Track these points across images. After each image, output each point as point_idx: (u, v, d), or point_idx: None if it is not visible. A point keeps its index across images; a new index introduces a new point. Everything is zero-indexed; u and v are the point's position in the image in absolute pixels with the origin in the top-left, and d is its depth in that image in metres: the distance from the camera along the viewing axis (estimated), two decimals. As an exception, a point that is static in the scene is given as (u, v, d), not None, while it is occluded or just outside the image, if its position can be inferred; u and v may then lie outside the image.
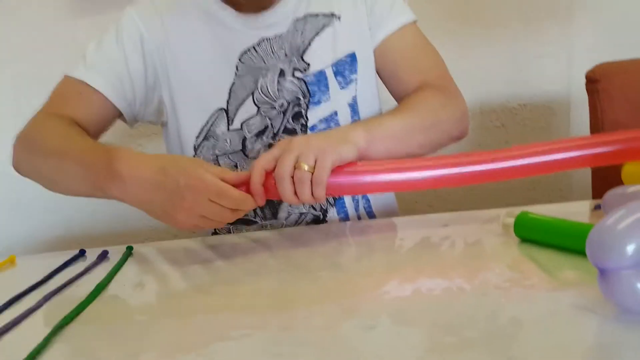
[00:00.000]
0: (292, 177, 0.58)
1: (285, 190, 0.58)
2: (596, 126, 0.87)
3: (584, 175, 1.32)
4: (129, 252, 0.67)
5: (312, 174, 0.57)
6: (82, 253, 0.69)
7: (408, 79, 0.79)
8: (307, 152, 0.58)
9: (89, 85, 0.75)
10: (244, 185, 0.59)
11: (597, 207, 0.61)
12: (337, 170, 0.59)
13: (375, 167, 0.61)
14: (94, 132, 0.76)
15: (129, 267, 0.63)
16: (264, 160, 0.59)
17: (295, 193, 0.58)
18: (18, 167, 0.73)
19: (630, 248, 0.37)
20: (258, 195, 0.59)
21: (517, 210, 0.57)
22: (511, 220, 0.56)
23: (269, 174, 0.59)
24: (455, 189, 1.24)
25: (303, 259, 0.59)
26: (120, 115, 0.78)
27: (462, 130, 0.76)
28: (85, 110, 0.75)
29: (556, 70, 1.33)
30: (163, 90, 0.78)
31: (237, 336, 0.42)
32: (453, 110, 0.75)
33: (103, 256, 0.67)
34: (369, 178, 0.60)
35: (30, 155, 0.71)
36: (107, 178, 0.61)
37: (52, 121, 0.72)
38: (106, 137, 0.80)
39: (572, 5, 1.31)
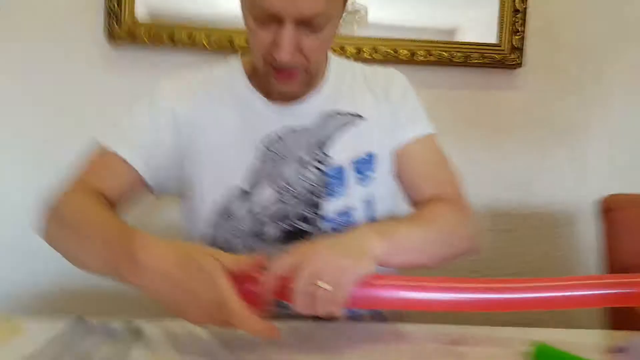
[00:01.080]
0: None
1: (301, 304, 0.58)
2: (608, 254, 0.90)
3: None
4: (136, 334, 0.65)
5: (330, 291, 0.57)
6: (82, 321, 0.66)
7: (424, 188, 0.82)
8: (327, 271, 0.57)
9: (119, 156, 0.76)
10: (257, 283, 0.58)
11: (619, 350, 0.60)
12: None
13: (395, 283, 0.60)
14: (122, 204, 0.77)
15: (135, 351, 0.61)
16: (280, 268, 0.59)
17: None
18: (47, 239, 0.72)
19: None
20: (267, 301, 0.59)
21: (532, 332, 0.57)
22: (529, 350, 0.56)
23: (284, 277, 0.59)
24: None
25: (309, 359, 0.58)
26: (147, 186, 0.79)
27: (475, 248, 0.78)
28: (113, 182, 0.76)
29: (565, 184, 1.38)
30: (187, 165, 0.79)
31: None
32: (467, 228, 0.77)
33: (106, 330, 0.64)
34: (387, 294, 0.60)
35: (58, 229, 0.71)
36: (126, 264, 0.60)
37: (79, 196, 0.73)
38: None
39: (581, 123, 1.38)
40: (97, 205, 0.71)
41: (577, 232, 1.39)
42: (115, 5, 1.19)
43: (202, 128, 0.79)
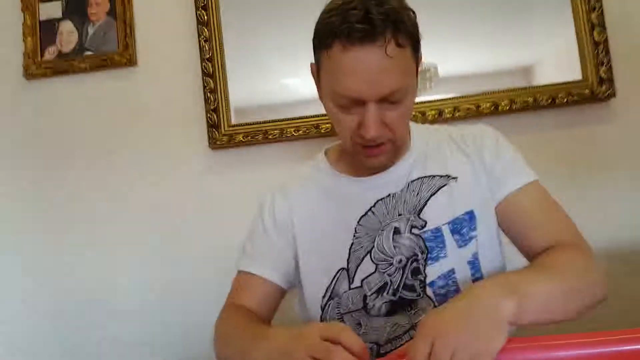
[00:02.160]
0: None
1: None
2: None
3: None
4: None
5: None
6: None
7: (538, 237, 0.78)
8: (463, 355, 0.54)
9: (252, 274, 0.86)
10: None
11: None
12: None
13: (535, 345, 0.57)
14: (266, 311, 0.86)
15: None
16: (420, 357, 0.55)
17: None
18: (215, 353, 0.81)
19: None
20: None
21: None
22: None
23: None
24: None
25: None
26: (283, 288, 0.88)
27: (606, 292, 0.71)
28: (255, 297, 0.85)
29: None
30: (298, 259, 0.87)
31: None
32: (596, 271, 0.72)
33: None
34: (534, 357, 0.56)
35: (217, 345, 0.81)
36: (250, 349, 0.68)
37: (229, 312, 0.84)
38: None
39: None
40: (240, 316, 0.81)
41: None
42: (214, 116, 1.35)
43: (300, 225, 0.87)
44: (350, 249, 0.82)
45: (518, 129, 1.30)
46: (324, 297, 0.83)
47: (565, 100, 1.27)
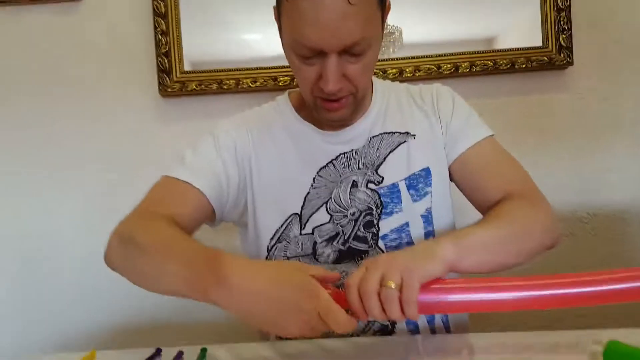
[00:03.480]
0: (379, 295, 0.57)
1: (373, 307, 0.57)
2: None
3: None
4: (203, 354, 0.68)
5: (400, 292, 0.56)
6: (158, 352, 0.70)
7: (491, 189, 0.79)
8: (393, 270, 0.57)
9: (190, 184, 0.77)
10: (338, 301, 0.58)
11: None
12: (425, 288, 0.58)
13: (466, 286, 0.59)
14: (190, 231, 0.77)
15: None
16: (355, 281, 0.59)
17: (384, 311, 0.57)
18: (110, 261, 0.72)
19: None
20: (360, 313, 0.58)
21: (602, 334, 0.54)
22: (599, 349, 0.53)
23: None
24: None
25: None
26: (212, 215, 0.81)
27: (555, 239, 0.74)
28: (184, 209, 0.76)
29: (625, 182, 1.32)
30: (248, 195, 0.83)
31: None
32: (543, 219, 0.73)
33: (179, 357, 0.68)
34: (459, 297, 0.58)
35: (127, 251, 0.69)
36: (212, 284, 0.58)
37: (152, 219, 0.72)
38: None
39: (637, 119, 1.31)
40: (172, 228, 0.70)
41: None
42: (165, 60, 1.28)
43: (259, 163, 0.83)
44: (306, 197, 0.81)
45: (476, 93, 1.30)
46: (272, 239, 0.82)
47: (524, 65, 1.28)
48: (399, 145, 0.83)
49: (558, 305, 0.57)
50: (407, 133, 0.83)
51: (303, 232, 0.81)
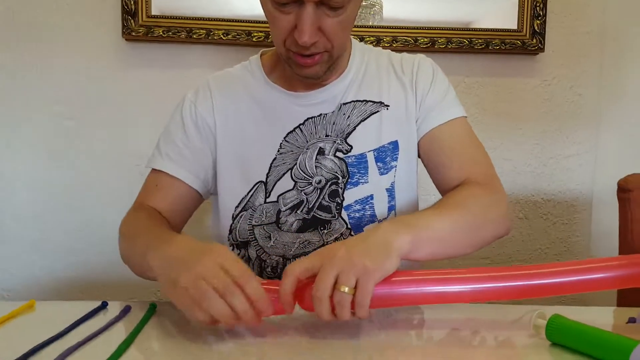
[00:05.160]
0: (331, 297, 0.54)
1: (323, 311, 0.55)
2: (625, 233, 0.87)
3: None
4: (152, 310, 0.67)
5: (354, 295, 0.54)
6: (104, 305, 0.68)
7: (454, 170, 0.78)
8: (349, 272, 0.54)
9: (166, 173, 0.80)
10: (276, 291, 0.57)
11: (631, 320, 0.60)
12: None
13: (419, 279, 0.58)
14: (178, 216, 0.82)
15: (152, 328, 0.62)
16: (299, 270, 0.56)
17: (333, 312, 0.55)
18: (120, 255, 0.77)
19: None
20: (287, 304, 0.56)
21: (546, 310, 0.56)
22: (542, 322, 0.55)
23: (305, 284, 0.57)
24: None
25: (321, 335, 0.58)
26: (199, 194, 0.83)
27: (507, 229, 0.74)
28: (165, 199, 0.80)
29: (582, 170, 1.36)
30: (217, 163, 0.82)
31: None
32: (499, 209, 0.73)
33: (126, 311, 0.66)
34: (411, 290, 0.57)
35: (121, 246, 0.76)
36: (147, 269, 0.64)
37: (134, 213, 0.78)
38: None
39: (600, 110, 1.35)
40: (146, 218, 0.75)
41: (595, 218, 1.36)
42: (131, 2, 1.21)
43: (223, 130, 0.81)
44: (272, 164, 0.79)
45: (450, 69, 1.28)
46: (237, 207, 0.81)
47: (497, 47, 1.29)
48: (372, 114, 0.81)
49: (513, 297, 0.58)
50: (381, 103, 0.81)
51: (268, 200, 0.80)
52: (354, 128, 0.80)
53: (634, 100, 1.34)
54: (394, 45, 1.27)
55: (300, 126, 0.80)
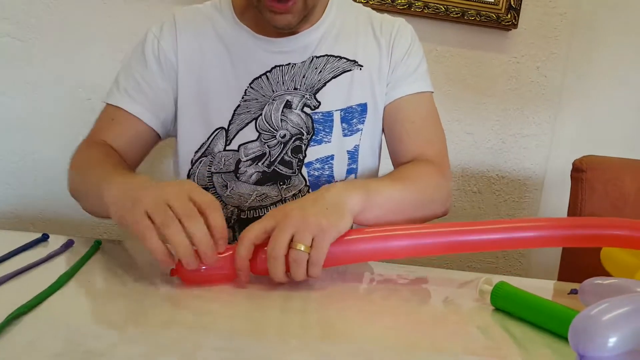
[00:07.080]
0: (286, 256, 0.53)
1: (277, 270, 0.53)
2: (574, 212, 0.90)
3: (543, 254, 1.38)
4: (96, 246, 0.64)
5: (309, 253, 0.54)
6: (44, 237, 0.65)
7: (410, 144, 0.78)
8: (304, 231, 0.53)
9: (124, 110, 0.76)
10: (230, 258, 0.55)
11: (573, 292, 0.63)
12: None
13: (370, 236, 0.59)
14: (134, 154, 0.77)
15: (95, 264, 0.59)
16: (254, 233, 0.54)
17: (287, 271, 0.54)
18: (70, 193, 0.73)
19: (612, 340, 0.37)
20: (243, 270, 0.54)
21: (491, 277, 0.58)
22: (488, 288, 0.57)
23: (259, 247, 0.55)
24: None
25: (268, 289, 0.58)
26: (157, 134, 0.79)
27: (446, 210, 0.75)
28: (121, 135, 0.76)
29: (537, 151, 1.40)
30: (178, 104, 0.78)
31: (201, 357, 0.40)
32: (445, 190, 0.75)
33: (68, 245, 0.63)
34: (362, 247, 0.58)
35: (71, 182, 0.73)
36: (99, 200, 0.60)
37: (86, 149, 0.74)
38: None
39: (562, 94, 1.38)
40: (101, 152, 0.71)
41: (545, 199, 1.41)
42: None
43: (185, 70, 0.77)
44: (235, 110, 0.76)
45: (422, 35, 1.27)
46: (196, 152, 0.78)
47: (473, 18, 1.28)
48: (344, 72, 0.78)
49: (455, 251, 0.61)
50: (355, 62, 0.79)
51: (228, 148, 0.77)
52: (324, 84, 0.78)
53: (595, 88, 1.37)
54: (370, 2, 1.24)
55: (267, 73, 0.77)
